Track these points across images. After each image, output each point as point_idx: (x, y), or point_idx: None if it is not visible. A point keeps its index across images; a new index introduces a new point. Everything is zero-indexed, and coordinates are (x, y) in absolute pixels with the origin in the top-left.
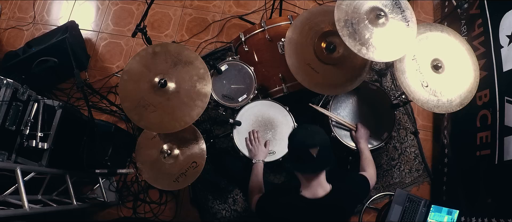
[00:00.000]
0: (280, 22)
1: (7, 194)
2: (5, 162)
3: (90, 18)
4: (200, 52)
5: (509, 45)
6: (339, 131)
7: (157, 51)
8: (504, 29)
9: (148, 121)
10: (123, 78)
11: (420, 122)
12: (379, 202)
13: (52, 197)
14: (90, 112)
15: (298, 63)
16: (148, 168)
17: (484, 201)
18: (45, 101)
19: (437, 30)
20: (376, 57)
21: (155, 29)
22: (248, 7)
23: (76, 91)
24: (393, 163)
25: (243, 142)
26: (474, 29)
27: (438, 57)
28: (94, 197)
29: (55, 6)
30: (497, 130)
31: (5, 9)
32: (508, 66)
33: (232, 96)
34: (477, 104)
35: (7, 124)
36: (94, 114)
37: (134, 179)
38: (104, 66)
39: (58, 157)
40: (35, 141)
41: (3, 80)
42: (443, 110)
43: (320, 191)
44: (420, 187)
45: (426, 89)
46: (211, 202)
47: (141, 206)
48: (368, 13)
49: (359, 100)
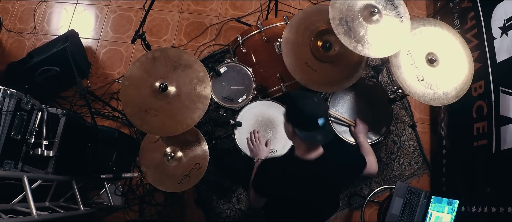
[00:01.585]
0: (276, 23)
1: (15, 202)
2: (12, 171)
3: (89, 27)
4: (199, 55)
5: (502, 36)
6: (338, 127)
7: (157, 56)
8: (496, 21)
9: (151, 125)
10: (124, 84)
11: (417, 115)
12: (380, 196)
13: (59, 203)
14: (93, 119)
15: (296, 63)
16: (152, 171)
17: (483, 190)
18: (49, 109)
19: (430, 24)
20: (371, 54)
21: (154, 34)
22: (244, 9)
23: (79, 98)
24: (392, 157)
25: (244, 142)
26: (467, 22)
27: (432, 51)
28: (100, 201)
29: (55, 16)
30: (493, 120)
31: (6, 21)
32: (501, 57)
33: (232, 98)
34: (473, 96)
35: (12, 134)
36: (97, 120)
37: (139, 183)
38: (105, 73)
39: (63, 164)
40: (41, 149)
41: (7, 91)
42: (439, 103)
43: (313, 154)
44: (420, 179)
45: (422, 83)
46: (215, 202)
47: (147, 209)
48: (362, 10)
49: (357, 97)
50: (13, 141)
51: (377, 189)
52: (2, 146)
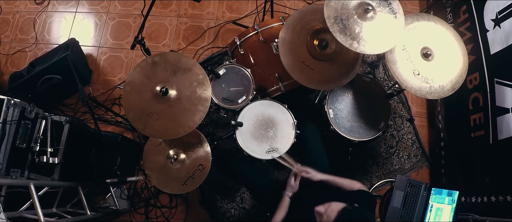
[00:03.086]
0: (273, 24)
1: (23, 209)
2: (18, 179)
3: (89, 34)
4: (198, 58)
5: (495, 28)
6: (337, 125)
7: (156, 61)
8: (488, 13)
9: (153, 129)
10: (125, 90)
11: (415, 109)
12: (381, 189)
13: (66, 209)
14: (97, 124)
15: (293, 62)
16: (156, 174)
17: (482, 180)
18: (53, 117)
19: (424, 19)
20: (367, 50)
21: (153, 39)
22: (241, 11)
23: (82, 105)
24: (391, 151)
25: (246, 142)
26: (460, 16)
27: (427, 46)
28: (106, 206)
29: (54, 25)
30: (489, 111)
31: (6, 32)
32: (495, 49)
33: (232, 99)
34: (468, 88)
35: (17, 142)
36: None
37: (144, 186)
38: (107, 79)
39: (69, 170)
40: (46, 157)
41: (11, 101)
42: (436, 96)
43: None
44: (419, 172)
45: (418, 77)
46: (219, 202)
47: (153, 211)
48: (356, 8)
49: (355, 93)
50: (18, 150)
51: (377, 183)
52: (8, 154)
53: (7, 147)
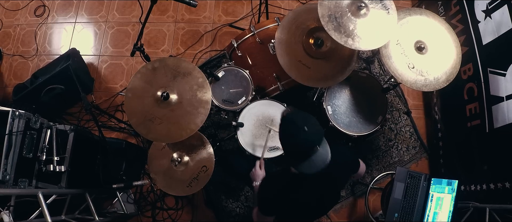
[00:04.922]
0: (268, 25)
1: (32, 218)
2: (27, 189)
3: (89, 44)
4: (197, 62)
5: (486, 19)
6: (336, 121)
7: (156, 66)
8: (479, 4)
9: (156, 133)
10: (127, 96)
11: (411, 102)
12: (382, 182)
13: (75, 215)
14: (101, 132)
15: (290, 61)
16: (161, 177)
17: (480, 168)
18: (57, 126)
19: (416, 13)
20: (362, 47)
21: (152, 46)
22: (236, 14)
23: (85, 113)
24: (390, 144)
25: (247, 142)
26: (451, 8)
27: (420, 39)
28: (114, 210)
29: (55, 36)
30: (484, 100)
31: (8, 45)
32: (487, 39)
33: (232, 100)
34: (463, 79)
35: (24, 153)
36: (104, 133)
37: (150, 189)
38: (108, 87)
39: (75, 177)
40: (53, 165)
41: (16, 112)
42: (431, 88)
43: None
44: (418, 163)
45: (412, 70)
46: (224, 202)
47: (160, 214)
48: (349, 6)
49: (352, 89)
50: (25, 160)
51: (378, 176)
52: (16, 165)
53: (14, 158)
